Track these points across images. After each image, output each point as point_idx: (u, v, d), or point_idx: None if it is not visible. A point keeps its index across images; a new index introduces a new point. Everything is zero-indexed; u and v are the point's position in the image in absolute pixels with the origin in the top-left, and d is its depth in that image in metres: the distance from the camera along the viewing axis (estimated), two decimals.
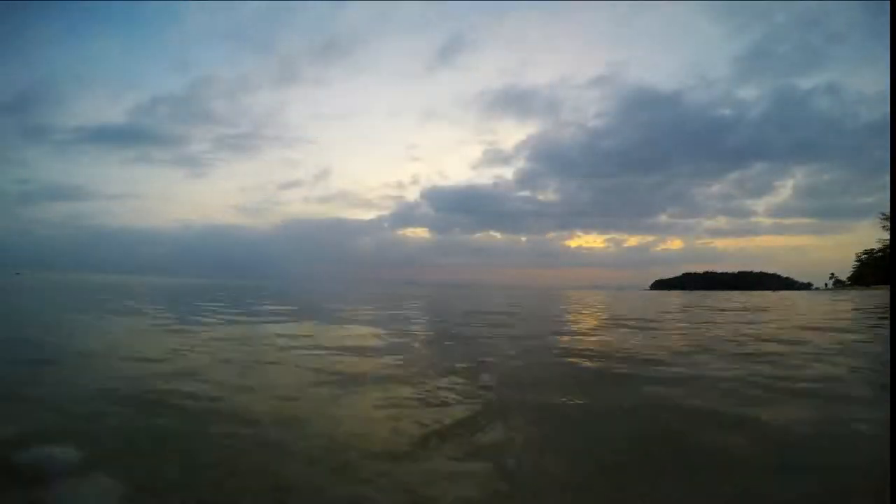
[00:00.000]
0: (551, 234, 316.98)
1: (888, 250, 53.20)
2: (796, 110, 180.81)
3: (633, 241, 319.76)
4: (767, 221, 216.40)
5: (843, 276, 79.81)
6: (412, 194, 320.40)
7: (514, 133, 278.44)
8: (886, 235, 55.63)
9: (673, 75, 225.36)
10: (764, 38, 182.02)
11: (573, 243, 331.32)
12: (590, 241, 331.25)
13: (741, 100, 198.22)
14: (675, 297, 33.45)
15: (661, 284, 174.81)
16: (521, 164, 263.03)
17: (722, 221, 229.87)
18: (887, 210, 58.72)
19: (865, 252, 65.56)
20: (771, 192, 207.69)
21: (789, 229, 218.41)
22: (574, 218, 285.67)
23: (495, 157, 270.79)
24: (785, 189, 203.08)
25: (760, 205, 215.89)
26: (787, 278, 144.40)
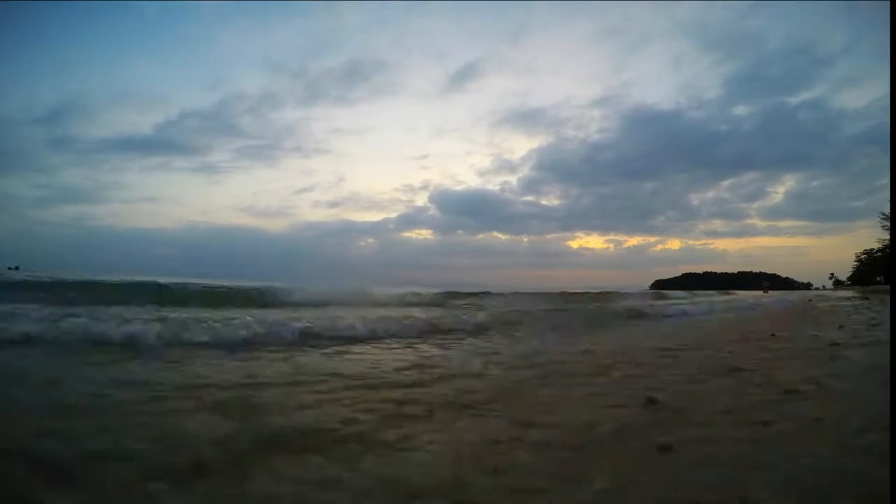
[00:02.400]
0: (553, 235, 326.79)
1: (888, 250, 53.28)
2: (784, 125, 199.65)
3: (632, 241, 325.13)
4: (762, 224, 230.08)
5: (843, 277, 79.95)
6: (421, 199, 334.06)
7: (520, 146, 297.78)
8: (886, 235, 55.72)
9: (669, 97, 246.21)
10: (755, 63, 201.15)
11: (575, 244, 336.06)
12: (591, 241, 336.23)
13: (733, 116, 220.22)
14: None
15: (661, 284, 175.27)
16: (525, 172, 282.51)
17: (717, 224, 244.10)
18: (880, 211, 58.87)
19: (865, 252, 65.70)
20: (764, 197, 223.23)
21: (783, 231, 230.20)
22: (575, 220, 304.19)
23: (502, 166, 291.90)
24: (777, 195, 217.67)
25: (754, 209, 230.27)
26: (786, 278, 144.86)
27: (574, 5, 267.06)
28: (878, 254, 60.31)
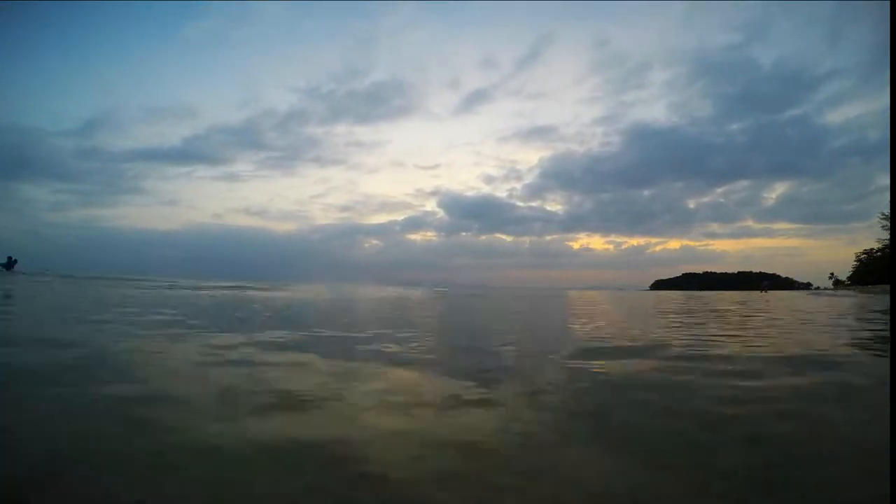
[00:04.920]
0: (556, 237, 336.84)
1: (888, 250, 53.16)
2: (774, 138, 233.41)
3: (633, 242, 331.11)
4: (757, 226, 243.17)
5: (844, 276, 79.71)
6: (430, 204, 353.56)
7: (526, 157, 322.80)
8: (886, 235, 55.58)
9: (666, 115, 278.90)
10: (747, 86, 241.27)
11: (576, 245, 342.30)
12: (592, 242, 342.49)
13: (726, 131, 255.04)
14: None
15: (661, 284, 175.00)
16: (531, 180, 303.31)
17: (714, 227, 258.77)
18: (880, 211, 58.65)
19: (865, 252, 65.49)
20: (757, 201, 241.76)
21: (779, 233, 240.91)
22: (577, 223, 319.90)
23: (508, 174, 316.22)
24: (770, 200, 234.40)
25: (749, 212, 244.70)
26: (786, 278, 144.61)
27: (577, 39, 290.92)
28: (878, 253, 60.18)
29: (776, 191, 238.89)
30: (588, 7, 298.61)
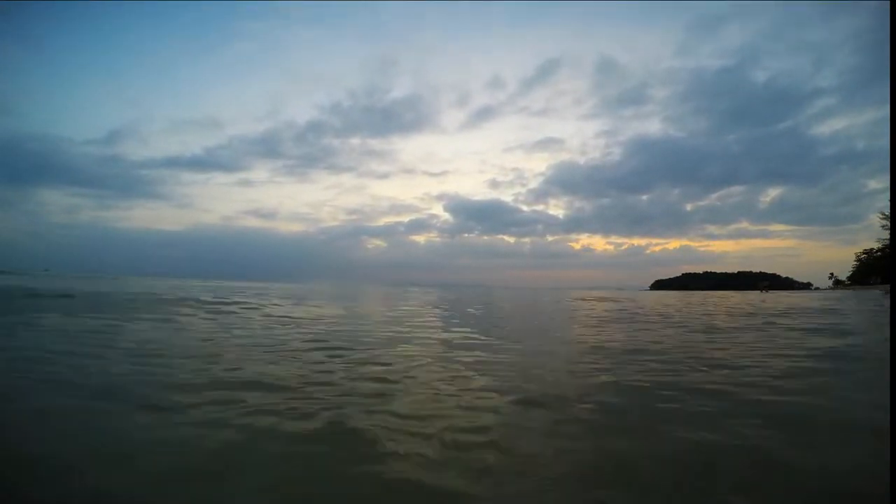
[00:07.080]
0: (557, 237, 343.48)
1: (888, 250, 53.56)
2: (767, 148, 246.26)
3: (633, 242, 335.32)
4: (753, 227, 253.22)
5: (842, 277, 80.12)
6: (436, 208, 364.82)
7: (530, 165, 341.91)
8: (886, 234, 55.95)
9: (664, 128, 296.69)
10: (741, 101, 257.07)
11: (577, 245, 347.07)
12: (593, 243, 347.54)
13: (721, 142, 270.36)
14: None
15: (661, 285, 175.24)
16: (534, 185, 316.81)
17: (712, 228, 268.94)
18: (880, 211, 58.95)
19: (865, 252, 65.86)
20: (753, 204, 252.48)
21: (775, 234, 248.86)
22: (579, 224, 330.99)
23: (513, 181, 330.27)
24: (765, 203, 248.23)
25: (746, 214, 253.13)
26: (786, 278, 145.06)
27: (580, 62, 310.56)
28: (878, 253, 60.55)
29: (770, 195, 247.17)
30: (591, 34, 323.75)
